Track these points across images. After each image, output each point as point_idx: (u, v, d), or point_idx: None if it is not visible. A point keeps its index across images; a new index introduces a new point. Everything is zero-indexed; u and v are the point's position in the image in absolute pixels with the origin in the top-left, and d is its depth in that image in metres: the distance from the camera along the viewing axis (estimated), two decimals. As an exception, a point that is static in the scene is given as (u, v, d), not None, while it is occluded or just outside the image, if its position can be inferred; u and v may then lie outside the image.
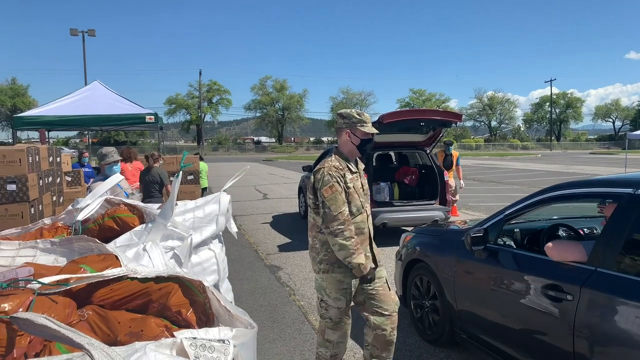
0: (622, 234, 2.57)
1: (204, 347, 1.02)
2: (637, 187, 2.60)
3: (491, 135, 77.89)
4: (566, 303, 2.66)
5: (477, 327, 3.50)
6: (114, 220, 2.57)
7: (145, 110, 11.02)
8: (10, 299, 1.20)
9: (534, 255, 3.09)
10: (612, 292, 2.46)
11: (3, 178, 4.93)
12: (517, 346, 3.10)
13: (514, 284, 3.14)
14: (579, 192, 3.01)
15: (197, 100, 67.14)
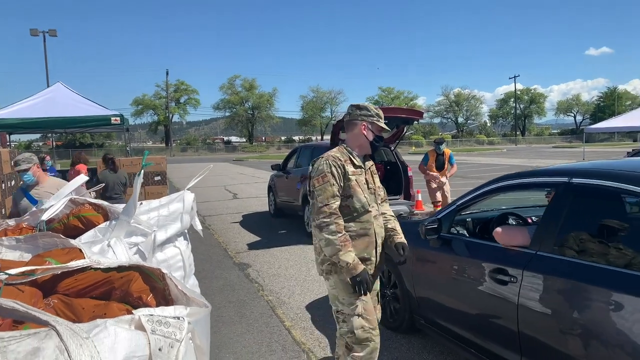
0: (559, 220, 2.79)
1: (160, 323, 1.15)
2: (571, 176, 2.83)
3: (458, 131, 79.46)
4: (511, 285, 2.87)
5: (434, 313, 3.70)
6: (78, 219, 2.64)
7: (111, 111, 10.91)
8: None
9: (483, 242, 3.30)
10: (549, 272, 2.67)
11: (-36, 182, 4.89)
12: (470, 328, 3.30)
13: (466, 269, 3.34)
14: (523, 182, 3.23)
15: (164, 101, 66.27)
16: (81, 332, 1.00)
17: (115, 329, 1.06)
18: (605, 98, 78.03)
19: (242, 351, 4.00)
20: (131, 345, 1.06)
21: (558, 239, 2.76)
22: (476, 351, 3.20)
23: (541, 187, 3.17)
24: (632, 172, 2.60)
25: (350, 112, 2.97)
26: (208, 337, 1.39)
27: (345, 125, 2.98)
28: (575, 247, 2.69)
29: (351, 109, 2.98)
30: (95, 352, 0.98)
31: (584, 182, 2.75)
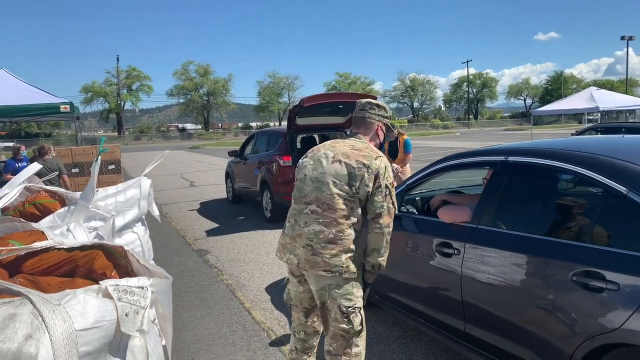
0: (497, 195, 3.02)
1: (126, 292, 1.25)
2: (508, 155, 3.07)
3: (414, 116, 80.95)
4: (455, 257, 3.09)
5: (387, 287, 3.91)
6: (35, 206, 2.66)
7: (60, 99, 10.55)
8: (-51, 266, 1.36)
9: (430, 218, 3.52)
10: (489, 244, 2.90)
11: None
12: (420, 300, 3.52)
13: (415, 245, 3.56)
14: (465, 161, 3.46)
15: (115, 88, 64.13)
16: (53, 300, 1.10)
17: (84, 297, 1.16)
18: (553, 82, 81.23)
19: (203, 333, 4.11)
20: (100, 311, 1.17)
21: (496, 213, 2.99)
22: (425, 321, 3.43)
23: (481, 166, 3.40)
24: (562, 150, 2.86)
25: (367, 110, 2.79)
26: (170, 306, 1.50)
27: (359, 122, 2.79)
28: (511, 220, 2.94)
29: (369, 106, 2.80)
30: (67, 316, 1.08)
31: (519, 160, 2.99)
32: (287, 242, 2.57)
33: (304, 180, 2.58)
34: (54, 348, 1.03)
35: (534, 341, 2.55)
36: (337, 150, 2.58)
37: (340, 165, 2.51)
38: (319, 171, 2.54)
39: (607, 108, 19.39)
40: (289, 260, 2.53)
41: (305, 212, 2.51)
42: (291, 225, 2.57)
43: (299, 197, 2.58)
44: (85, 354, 1.12)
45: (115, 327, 1.21)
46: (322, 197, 2.48)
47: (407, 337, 3.86)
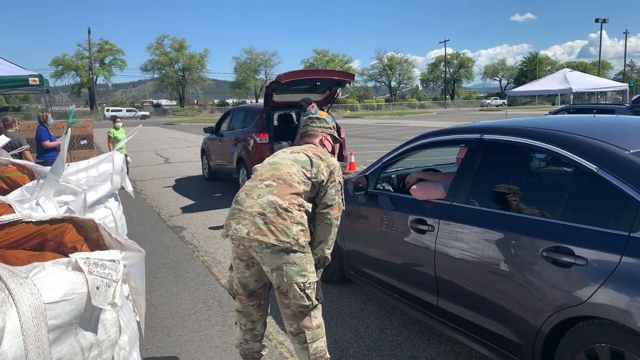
0: (471, 172, 3.06)
1: (97, 265, 1.23)
2: (483, 133, 3.10)
3: (391, 95, 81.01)
4: (429, 234, 3.13)
5: (362, 263, 3.95)
6: (2, 180, 2.58)
7: (28, 71, 10.18)
8: None
9: (405, 196, 3.54)
10: (462, 221, 2.94)
11: None
12: (394, 276, 3.57)
13: (391, 222, 3.60)
14: (440, 139, 3.48)
15: (87, 61, 62.18)
16: (20, 273, 1.07)
17: (53, 270, 1.14)
18: (528, 63, 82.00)
19: (178, 308, 4.10)
20: (70, 284, 1.14)
21: (471, 190, 3.03)
22: (399, 295, 3.49)
23: (457, 144, 3.43)
24: (535, 129, 2.90)
25: (309, 124, 3.04)
26: (143, 279, 1.48)
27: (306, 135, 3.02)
28: (485, 197, 2.99)
29: (310, 121, 3.06)
30: (35, 289, 1.05)
31: (494, 138, 3.02)
32: (235, 213, 2.49)
33: (262, 165, 2.72)
34: (22, 321, 1.01)
35: (504, 315, 2.62)
36: (295, 149, 2.80)
37: (299, 154, 2.72)
38: (278, 157, 2.73)
39: (580, 90, 19.72)
40: (236, 231, 2.42)
41: (259, 187, 2.54)
42: (241, 199, 2.52)
43: (254, 177, 2.65)
44: (54, 327, 1.10)
45: (85, 301, 1.19)
46: (278, 174, 2.57)
47: (381, 311, 3.92)
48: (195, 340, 3.52)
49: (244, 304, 2.73)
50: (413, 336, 3.50)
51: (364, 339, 3.48)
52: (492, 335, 2.72)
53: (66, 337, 1.15)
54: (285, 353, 3.33)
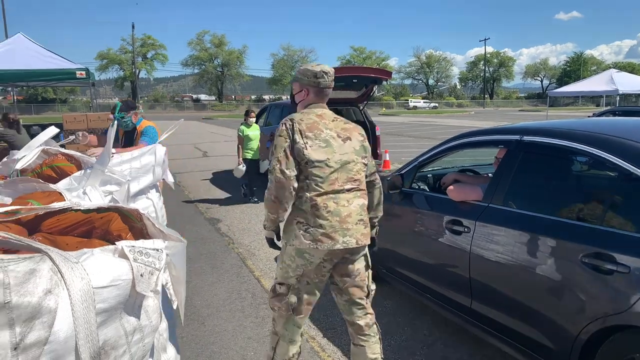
0: (510, 174, 3.01)
1: (141, 253, 1.28)
2: (523, 134, 3.04)
3: (428, 93, 79.96)
4: (465, 235, 3.10)
5: (395, 262, 3.95)
6: (52, 169, 2.70)
7: (76, 65, 10.58)
8: (-28, 221, 1.40)
9: (441, 196, 3.51)
10: (499, 223, 2.90)
11: None
12: (427, 276, 3.55)
13: (425, 222, 3.57)
14: (478, 139, 3.43)
15: (130, 56, 63.94)
16: (71, 258, 1.13)
17: (101, 256, 1.20)
18: (572, 63, 79.36)
19: (213, 299, 4.19)
20: (116, 270, 1.20)
21: (509, 192, 2.98)
22: (431, 295, 3.47)
23: (495, 145, 3.37)
24: (578, 131, 2.82)
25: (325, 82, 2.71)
26: (184, 269, 1.54)
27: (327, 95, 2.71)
28: (524, 200, 2.93)
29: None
30: (84, 273, 1.11)
31: (534, 139, 2.96)
32: (337, 227, 2.41)
33: (324, 165, 2.44)
34: (73, 303, 1.07)
35: (540, 320, 2.57)
36: (335, 128, 2.56)
37: (350, 141, 2.56)
38: (339, 153, 2.49)
39: (627, 91, 18.94)
40: (345, 244, 2.41)
41: (343, 192, 2.47)
42: (335, 210, 2.42)
43: (330, 182, 2.44)
44: (102, 311, 1.16)
45: (130, 287, 1.24)
46: (352, 176, 2.51)
47: (413, 311, 3.91)
48: (229, 331, 3.60)
49: (306, 314, 2.63)
50: (445, 337, 3.48)
51: (395, 337, 3.48)
52: (526, 340, 2.67)
53: (112, 321, 1.21)
54: (316, 347, 3.37)
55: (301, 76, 2.61)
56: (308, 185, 2.41)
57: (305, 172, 2.42)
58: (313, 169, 2.41)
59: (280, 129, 2.46)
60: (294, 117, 2.49)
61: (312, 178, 2.41)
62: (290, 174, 2.37)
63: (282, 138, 2.43)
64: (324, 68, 2.61)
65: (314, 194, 2.40)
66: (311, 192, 2.40)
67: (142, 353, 1.31)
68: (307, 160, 2.40)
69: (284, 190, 2.39)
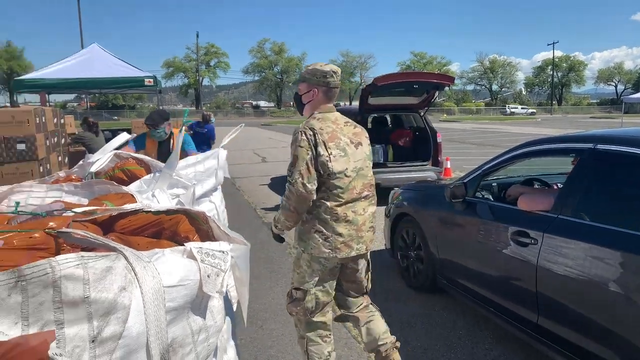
0: (582, 184, 2.85)
1: (208, 254, 1.32)
2: (597, 143, 2.87)
3: (492, 99, 77.63)
4: (532, 247, 2.96)
5: (456, 273, 3.84)
6: (123, 172, 2.85)
7: (144, 73, 11.12)
8: (54, 220, 1.49)
9: (506, 205, 3.39)
10: (570, 236, 2.75)
11: (13, 138, 5.19)
12: (490, 288, 3.43)
13: (489, 232, 3.45)
14: (548, 148, 3.28)
15: (194, 64, 66.53)
16: (144, 257, 1.18)
17: (171, 256, 1.24)
18: (650, 67, 74.51)
19: (271, 302, 4.25)
20: (185, 270, 1.24)
21: (580, 203, 2.83)
22: (495, 309, 3.34)
23: (566, 153, 3.21)
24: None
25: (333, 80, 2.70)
26: (248, 271, 1.57)
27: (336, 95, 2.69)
28: (597, 212, 2.77)
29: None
30: (156, 273, 1.16)
31: (609, 148, 2.79)
32: (354, 235, 2.50)
33: (344, 175, 2.47)
34: (145, 301, 1.12)
35: (614, 341, 2.41)
36: (347, 134, 2.56)
37: (362, 146, 2.60)
38: (353, 160, 2.51)
39: None
40: (358, 250, 2.53)
41: (361, 201, 2.54)
42: (354, 219, 2.49)
43: (349, 191, 2.48)
44: (171, 309, 1.20)
45: (197, 287, 1.28)
46: (368, 182, 2.60)
47: (475, 324, 3.78)
48: (286, 335, 3.63)
49: (325, 314, 2.71)
50: (508, 352, 3.34)
51: (455, 350, 3.38)
52: (599, 361, 2.51)
53: (179, 320, 1.25)
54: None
55: (309, 76, 2.56)
56: (329, 196, 2.43)
57: (327, 183, 2.43)
58: (335, 180, 2.43)
59: (300, 139, 2.42)
60: (314, 127, 2.45)
61: (333, 189, 2.43)
62: (312, 187, 2.37)
63: (304, 150, 2.40)
64: (333, 67, 2.58)
65: (335, 204, 2.43)
66: (332, 202, 2.43)
67: (207, 353, 1.34)
68: (329, 173, 2.41)
69: (304, 203, 2.40)
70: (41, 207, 1.72)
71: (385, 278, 4.81)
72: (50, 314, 1.02)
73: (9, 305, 1.02)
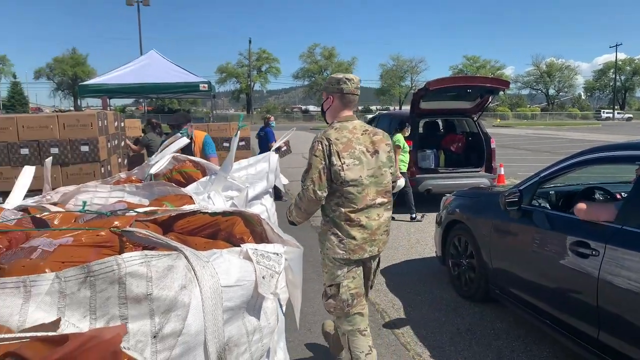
0: (649, 194, 2.70)
1: (263, 256, 1.34)
2: (666, 150, 2.71)
3: (548, 104, 74.73)
4: (592, 259, 2.83)
5: (510, 283, 3.72)
6: (180, 174, 2.94)
7: (200, 78, 11.49)
8: (118, 219, 1.57)
9: (565, 215, 3.25)
10: (635, 247, 2.61)
11: (77, 140, 5.47)
12: (547, 300, 3.30)
13: (546, 242, 3.32)
14: (611, 155, 3.12)
15: (246, 69, 67.99)
16: (203, 257, 1.22)
17: (228, 257, 1.27)
18: None
19: (319, 306, 4.25)
20: (241, 271, 1.27)
21: (647, 214, 2.67)
22: (552, 322, 3.21)
23: (632, 161, 3.04)
24: None
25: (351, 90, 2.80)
26: (300, 274, 1.59)
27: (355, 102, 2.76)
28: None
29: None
30: (214, 272, 1.19)
31: (680, 155, 2.62)
32: (367, 238, 2.63)
33: (358, 183, 2.58)
34: (203, 300, 1.15)
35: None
36: (364, 142, 2.65)
37: (378, 154, 2.67)
38: (367, 168, 2.61)
39: None
40: (371, 252, 2.68)
41: (376, 207, 2.64)
42: (367, 224, 2.61)
43: (362, 198, 2.59)
44: (227, 309, 1.23)
45: (253, 288, 1.31)
46: (381, 188, 2.67)
47: (529, 337, 3.65)
48: (334, 339, 3.63)
49: (363, 304, 2.80)
50: (566, 369, 3.19)
51: (508, 364, 3.27)
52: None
53: (235, 319, 1.28)
54: (422, 365, 3.27)
55: (327, 85, 2.74)
56: (343, 202, 2.58)
57: (340, 190, 2.56)
58: (348, 187, 2.56)
59: (315, 148, 2.58)
60: (330, 137, 2.57)
61: (347, 196, 2.56)
62: (322, 194, 2.55)
63: (318, 159, 2.54)
64: (348, 75, 2.69)
65: (348, 210, 2.57)
66: (346, 208, 2.58)
67: (260, 353, 1.37)
68: (342, 181, 2.54)
69: (314, 207, 2.64)
70: (105, 207, 1.81)
71: (435, 286, 4.73)
72: (115, 309, 1.07)
73: (79, 299, 1.07)
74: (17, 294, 1.08)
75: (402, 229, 7.04)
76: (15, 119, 5.33)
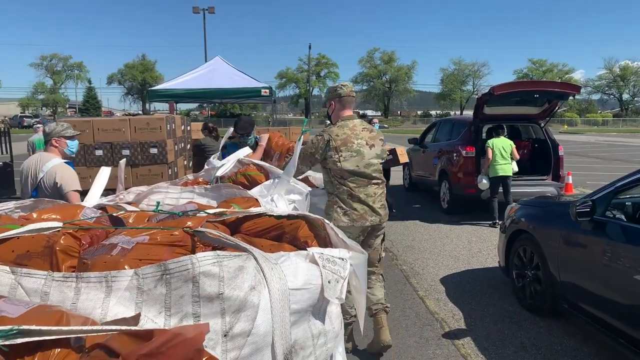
0: None
1: (329, 261, 1.35)
2: None
3: (622, 109, 70.40)
4: (675, 276, 2.64)
5: (580, 298, 3.53)
6: (245, 177, 3.02)
7: (261, 84, 11.74)
8: (190, 219, 1.63)
9: (643, 227, 3.05)
10: None
11: (147, 142, 5.74)
12: (622, 318, 3.10)
13: (621, 255, 3.13)
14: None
15: (306, 74, 68.75)
16: (271, 259, 1.24)
17: (296, 260, 1.29)
18: None
19: (375, 313, 4.22)
20: (308, 274, 1.29)
21: None
22: (626, 341, 3.01)
23: None
24: None
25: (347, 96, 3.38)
26: (365, 280, 1.59)
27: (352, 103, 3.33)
28: None
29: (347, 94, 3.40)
30: (282, 275, 1.21)
31: None
32: (367, 210, 3.15)
33: (355, 171, 3.13)
34: (272, 301, 1.17)
35: None
36: (364, 137, 3.20)
37: (374, 147, 3.22)
38: (366, 157, 3.16)
39: None
40: (373, 221, 3.18)
41: (371, 186, 3.18)
42: (365, 198, 3.14)
43: (360, 181, 3.15)
44: (294, 311, 1.24)
45: (319, 292, 1.32)
46: (375, 172, 3.21)
47: (600, 355, 3.45)
48: (392, 348, 3.57)
49: None
50: (642, 392, 2.98)
51: (577, 383, 3.10)
52: None
53: (301, 322, 1.29)
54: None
55: (328, 94, 3.36)
56: (345, 182, 3.12)
57: (342, 173, 3.11)
58: (347, 172, 3.11)
59: (318, 138, 3.18)
60: (331, 133, 3.15)
61: (347, 177, 3.12)
62: (303, 169, 3.23)
63: (314, 145, 3.15)
64: (342, 82, 3.41)
65: (349, 187, 3.12)
66: (347, 186, 3.12)
67: (324, 357, 1.37)
68: (340, 169, 3.10)
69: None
70: (177, 207, 1.89)
71: (497, 297, 4.57)
72: (189, 306, 1.11)
73: (155, 296, 1.13)
74: (100, 288, 1.15)
75: (463, 238, 6.86)
76: (92, 122, 5.66)
